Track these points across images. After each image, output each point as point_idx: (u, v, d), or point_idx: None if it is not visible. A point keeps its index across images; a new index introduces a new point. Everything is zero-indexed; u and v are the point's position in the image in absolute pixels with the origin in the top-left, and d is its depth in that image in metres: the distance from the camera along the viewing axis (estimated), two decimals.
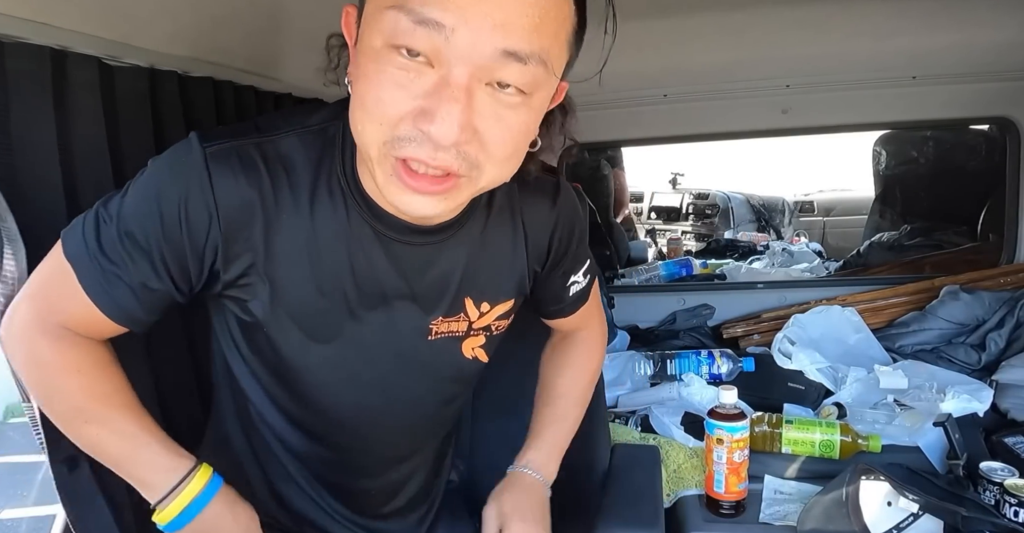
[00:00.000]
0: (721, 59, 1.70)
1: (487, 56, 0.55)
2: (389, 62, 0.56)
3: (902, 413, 1.46)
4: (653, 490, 1.17)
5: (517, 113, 0.59)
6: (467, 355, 0.85)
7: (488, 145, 0.59)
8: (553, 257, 0.87)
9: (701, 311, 2.08)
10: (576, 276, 0.92)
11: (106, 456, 0.77)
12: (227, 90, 1.26)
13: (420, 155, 0.58)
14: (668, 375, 1.74)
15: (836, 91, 1.88)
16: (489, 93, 0.57)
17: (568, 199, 0.86)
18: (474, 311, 0.81)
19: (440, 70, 0.56)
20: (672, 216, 4.49)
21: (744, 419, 1.21)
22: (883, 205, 3.14)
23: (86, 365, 0.74)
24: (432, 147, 0.57)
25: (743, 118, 2.01)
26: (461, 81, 0.56)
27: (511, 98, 0.58)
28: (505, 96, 0.58)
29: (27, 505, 3.37)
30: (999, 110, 1.89)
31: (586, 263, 0.94)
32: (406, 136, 0.58)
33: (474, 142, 0.59)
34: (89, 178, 0.93)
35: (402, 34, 0.55)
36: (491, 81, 0.57)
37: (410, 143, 0.58)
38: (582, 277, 0.93)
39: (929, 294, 1.90)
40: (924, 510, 1.08)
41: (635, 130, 2.12)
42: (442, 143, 0.57)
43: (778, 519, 1.22)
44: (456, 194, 0.62)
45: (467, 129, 0.57)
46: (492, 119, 0.58)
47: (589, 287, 0.96)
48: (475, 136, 0.58)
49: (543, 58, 0.57)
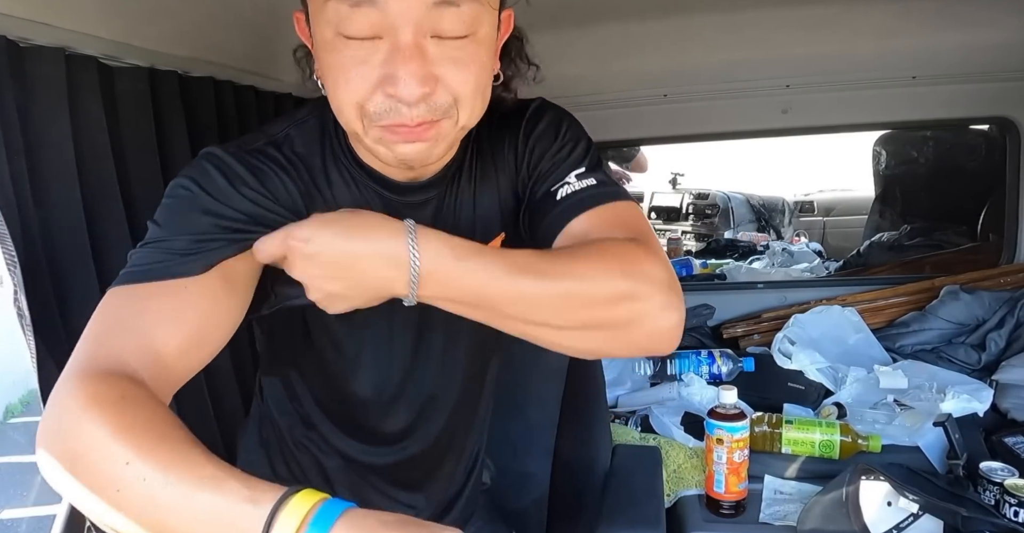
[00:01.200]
0: (721, 59, 1.70)
1: (422, 11, 0.60)
2: (344, 47, 0.62)
3: (902, 413, 1.46)
4: (654, 491, 1.17)
5: (467, 52, 0.63)
6: None
7: (453, 87, 0.64)
8: (525, 172, 0.78)
9: (701, 311, 2.08)
10: (566, 177, 0.74)
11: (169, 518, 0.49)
12: (227, 90, 1.26)
13: (399, 120, 0.63)
14: (668, 375, 1.74)
15: (836, 91, 1.88)
16: (436, 44, 0.62)
17: (544, 108, 0.80)
18: None
19: (388, 39, 0.61)
20: (672, 216, 4.48)
21: (744, 419, 1.21)
22: (883, 205, 3.14)
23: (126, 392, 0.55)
24: (406, 109, 0.62)
25: (743, 118, 2.01)
26: (408, 41, 0.60)
27: (458, 41, 0.63)
28: (452, 41, 0.62)
29: (27, 505, 3.37)
30: (999, 110, 1.89)
31: (581, 168, 0.74)
32: (381, 109, 0.62)
33: (440, 90, 0.63)
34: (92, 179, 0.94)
35: (345, 20, 0.60)
36: (435, 33, 0.61)
37: (387, 114, 0.62)
38: (575, 178, 0.73)
39: (929, 294, 1.90)
40: (924, 510, 1.08)
41: (635, 130, 2.11)
42: (411, 100, 0.61)
43: (778, 519, 1.22)
44: (440, 133, 0.66)
45: (429, 81, 0.62)
46: (448, 63, 0.63)
47: (599, 192, 0.72)
48: (439, 84, 0.63)
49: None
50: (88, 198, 0.93)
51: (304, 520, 0.46)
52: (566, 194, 0.72)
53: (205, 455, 0.51)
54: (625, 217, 0.71)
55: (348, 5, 0.59)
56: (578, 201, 0.71)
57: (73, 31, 0.88)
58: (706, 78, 1.85)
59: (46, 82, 0.87)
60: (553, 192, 0.73)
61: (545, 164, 0.76)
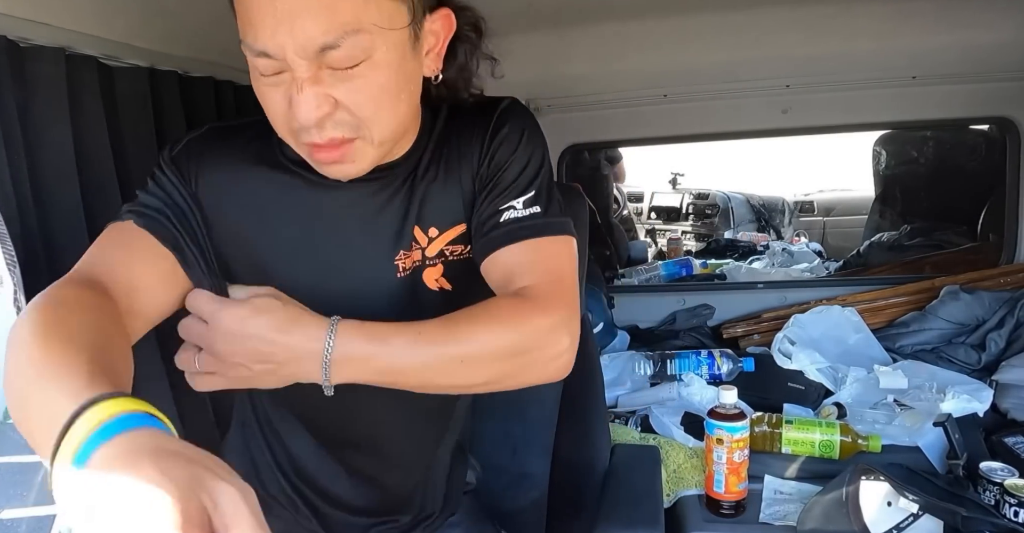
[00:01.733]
0: (721, 59, 1.70)
1: (308, 56, 0.64)
2: (261, 82, 0.68)
3: (902, 413, 1.46)
4: (653, 490, 1.17)
5: (361, 74, 0.66)
6: (431, 286, 0.83)
7: (354, 108, 0.67)
8: (484, 171, 0.79)
9: (701, 311, 2.08)
10: (514, 200, 0.77)
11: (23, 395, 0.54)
12: (227, 90, 1.26)
13: (314, 139, 0.68)
14: (668, 375, 1.74)
15: (836, 91, 1.88)
16: (330, 72, 0.65)
17: (512, 111, 0.81)
18: (423, 238, 0.81)
19: (288, 74, 0.66)
20: (672, 216, 4.49)
21: (744, 419, 1.21)
22: (883, 205, 3.14)
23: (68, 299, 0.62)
24: (316, 130, 0.67)
25: (743, 118, 2.01)
26: (302, 75, 0.64)
27: (351, 70, 0.65)
28: (345, 71, 0.65)
29: (27, 505, 3.37)
30: (999, 110, 1.89)
31: (531, 192, 0.78)
32: (298, 129, 0.68)
33: (340, 110, 0.67)
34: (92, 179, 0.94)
35: (256, 65, 0.66)
36: (328, 66, 0.65)
37: (303, 133, 0.68)
38: (521, 204, 0.77)
39: (929, 294, 1.90)
40: (924, 510, 1.08)
41: (635, 130, 2.12)
42: (309, 124, 0.66)
43: (778, 519, 1.22)
44: (358, 155, 0.71)
45: (325, 102, 0.66)
46: (343, 87, 0.66)
47: (536, 224, 0.77)
48: (338, 105, 0.67)
49: (355, 29, 0.63)
50: (88, 198, 0.93)
51: (95, 426, 0.45)
52: (509, 218, 0.77)
53: (68, 356, 0.54)
54: (550, 256, 0.77)
55: (252, 54, 0.65)
56: (517, 229, 0.77)
57: (73, 31, 0.88)
58: (706, 78, 1.85)
59: (47, 82, 0.87)
60: (500, 212, 0.77)
61: (501, 176, 0.79)
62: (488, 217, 0.78)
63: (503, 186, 0.78)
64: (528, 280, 0.74)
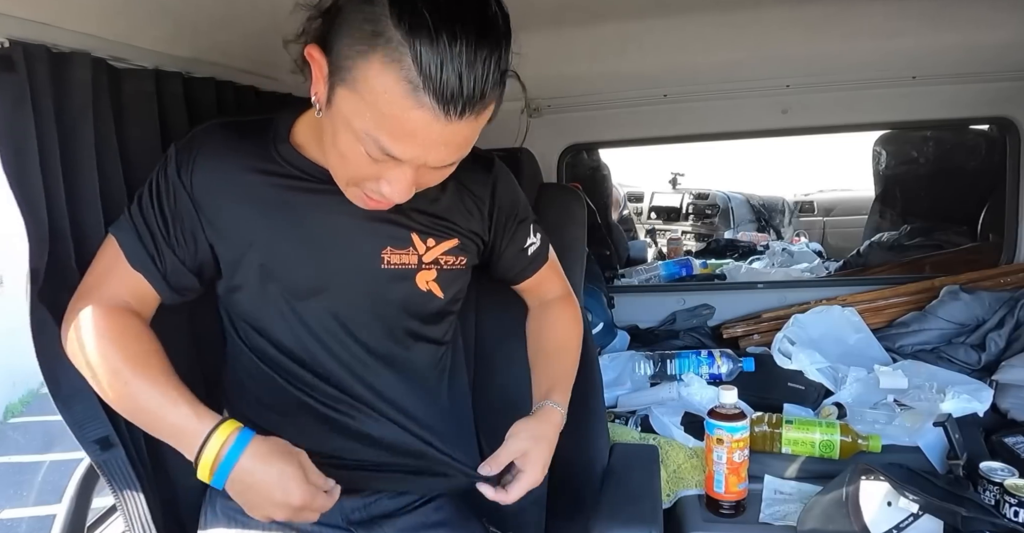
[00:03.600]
0: (721, 59, 1.70)
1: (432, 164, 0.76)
2: (349, 152, 0.76)
3: (902, 413, 1.46)
4: (651, 489, 1.17)
5: (452, 168, 0.81)
6: (421, 287, 0.95)
7: (429, 184, 0.83)
8: (497, 222, 1.01)
9: (701, 311, 2.08)
10: (530, 237, 1.06)
11: (143, 416, 0.84)
12: (228, 90, 1.26)
13: (377, 196, 0.80)
14: (668, 375, 1.74)
15: (836, 91, 1.88)
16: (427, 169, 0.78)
17: (503, 171, 1.02)
18: (421, 246, 0.94)
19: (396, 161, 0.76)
20: (672, 216, 4.49)
21: (744, 419, 1.22)
22: (883, 205, 3.14)
23: (124, 329, 0.84)
24: (387, 201, 0.81)
25: (743, 118, 2.01)
26: (410, 171, 0.76)
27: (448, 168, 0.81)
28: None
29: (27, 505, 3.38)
30: (999, 110, 1.89)
31: (532, 226, 1.07)
32: (370, 187, 0.80)
33: (419, 186, 0.81)
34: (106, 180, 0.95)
35: (381, 142, 0.72)
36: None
37: (372, 188, 0.79)
38: (535, 236, 1.07)
39: (929, 294, 1.90)
40: (924, 510, 1.08)
41: (635, 130, 2.12)
42: (395, 201, 0.80)
43: (778, 519, 1.22)
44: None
45: (414, 187, 0.79)
46: (432, 176, 0.80)
47: (545, 247, 1.10)
48: (420, 185, 0.80)
49: (470, 143, 0.77)
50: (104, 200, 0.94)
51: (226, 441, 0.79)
52: (533, 252, 1.07)
53: (169, 379, 0.82)
54: (555, 264, 1.14)
55: (378, 149, 0.73)
56: (537, 256, 1.08)
57: (74, 31, 0.89)
58: (706, 78, 1.85)
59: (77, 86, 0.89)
60: (526, 249, 1.06)
61: (513, 222, 1.03)
62: (518, 251, 1.05)
63: (516, 228, 1.03)
64: (557, 287, 1.14)
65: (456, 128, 0.70)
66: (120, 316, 0.85)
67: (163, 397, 0.81)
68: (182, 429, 0.80)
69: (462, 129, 0.71)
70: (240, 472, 0.79)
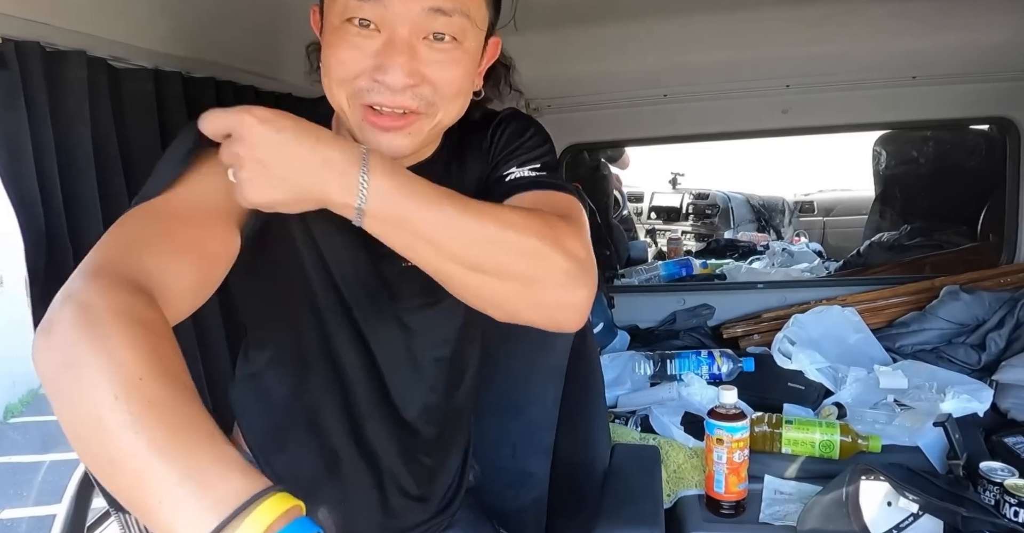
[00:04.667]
0: (721, 59, 1.70)
1: (418, 14, 0.69)
2: (346, 32, 0.70)
3: (902, 413, 1.46)
4: (653, 490, 1.17)
5: (454, 56, 0.72)
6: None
7: (438, 85, 0.72)
8: (491, 158, 0.84)
9: (701, 311, 2.08)
10: (518, 169, 0.80)
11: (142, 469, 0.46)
12: (228, 90, 1.26)
13: (381, 100, 0.71)
14: (668, 375, 1.74)
15: (836, 91, 1.88)
16: (428, 44, 0.71)
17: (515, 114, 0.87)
18: None
19: (385, 33, 0.70)
20: (672, 216, 4.48)
21: (744, 419, 1.21)
22: (883, 205, 3.14)
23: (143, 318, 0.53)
24: (390, 93, 0.70)
25: (743, 118, 2.01)
26: (403, 37, 0.69)
27: (447, 44, 0.71)
28: (441, 45, 0.71)
29: (27, 505, 3.38)
30: (999, 110, 1.89)
31: (536, 163, 0.81)
32: (366, 87, 0.71)
33: (425, 85, 0.71)
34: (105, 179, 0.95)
35: (352, 10, 0.69)
36: (427, 35, 0.70)
37: (370, 92, 0.71)
38: (527, 171, 0.80)
39: (929, 294, 1.90)
40: (924, 510, 1.08)
41: (635, 130, 2.12)
42: (395, 88, 0.70)
43: (778, 519, 1.22)
44: (418, 128, 0.74)
45: (415, 75, 0.70)
46: (436, 64, 0.71)
47: (544, 178, 0.79)
48: (424, 80, 0.71)
49: (464, 12, 0.71)
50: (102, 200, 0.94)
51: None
52: (514, 177, 0.80)
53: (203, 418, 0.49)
54: (564, 205, 0.76)
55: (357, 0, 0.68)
56: (523, 184, 0.79)
57: (74, 31, 0.89)
58: (706, 78, 1.85)
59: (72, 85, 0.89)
60: (504, 176, 0.80)
61: (503, 156, 0.83)
62: (492, 182, 0.81)
63: (509, 158, 0.82)
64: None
65: None
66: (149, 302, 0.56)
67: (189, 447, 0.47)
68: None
69: None
70: None
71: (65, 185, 0.89)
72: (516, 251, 0.65)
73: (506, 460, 1.10)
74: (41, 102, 0.84)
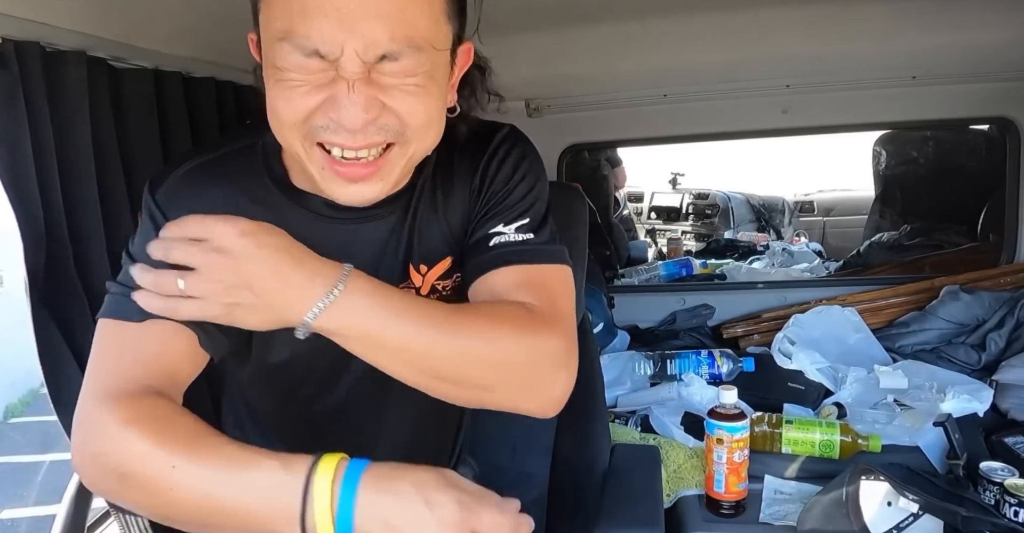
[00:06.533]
0: (721, 59, 1.70)
1: (369, 61, 0.61)
2: (286, 79, 0.62)
3: (902, 413, 1.46)
4: (653, 490, 1.17)
5: (416, 85, 0.63)
6: None
7: (402, 115, 0.64)
8: (481, 197, 0.77)
9: (701, 311, 2.08)
10: (504, 227, 0.75)
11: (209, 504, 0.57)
12: (228, 90, 1.26)
13: (338, 140, 0.63)
14: (668, 375, 1.74)
15: (836, 91, 1.88)
16: (384, 77, 0.62)
17: (512, 139, 0.79)
18: (417, 277, 0.80)
19: (332, 64, 0.61)
20: (672, 216, 4.49)
21: (744, 419, 1.21)
22: (883, 205, 3.14)
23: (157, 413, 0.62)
24: (348, 134, 0.62)
25: (743, 118, 2.01)
26: (355, 72, 0.60)
27: (405, 77, 0.63)
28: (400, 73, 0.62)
29: (27, 505, 3.38)
30: (999, 110, 1.89)
31: (524, 219, 0.75)
32: (320, 125, 0.63)
33: (388, 114, 0.63)
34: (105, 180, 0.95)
35: (288, 61, 0.61)
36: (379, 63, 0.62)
37: (325, 130, 0.62)
38: (513, 231, 0.74)
39: (929, 294, 1.90)
40: (924, 510, 1.08)
41: (635, 130, 2.12)
42: (353, 128, 0.61)
43: (778, 519, 1.22)
44: (388, 170, 0.66)
45: (373, 106, 0.62)
46: (396, 92, 0.63)
47: (527, 250, 0.74)
48: (386, 109, 0.63)
49: (416, 46, 0.62)
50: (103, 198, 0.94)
51: (335, 479, 0.55)
52: (499, 243, 0.74)
53: (235, 444, 0.59)
54: (546, 281, 0.73)
55: (302, 54, 0.60)
56: (507, 254, 0.73)
57: (73, 31, 0.89)
58: (706, 78, 1.85)
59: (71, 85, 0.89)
60: (489, 236, 0.75)
61: (496, 200, 0.76)
62: (477, 241, 0.76)
63: (496, 210, 0.76)
64: (524, 299, 0.70)
65: None
66: (150, 400, 0.63)
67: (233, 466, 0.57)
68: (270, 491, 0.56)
69: None
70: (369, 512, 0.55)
71: (65, 185, 0.88)
72: (493, 365, 0.65)
73: (506, 460, 1.10)
74: (41, 102, 0.84)
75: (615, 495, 1.14)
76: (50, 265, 0.86)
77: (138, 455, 0.58)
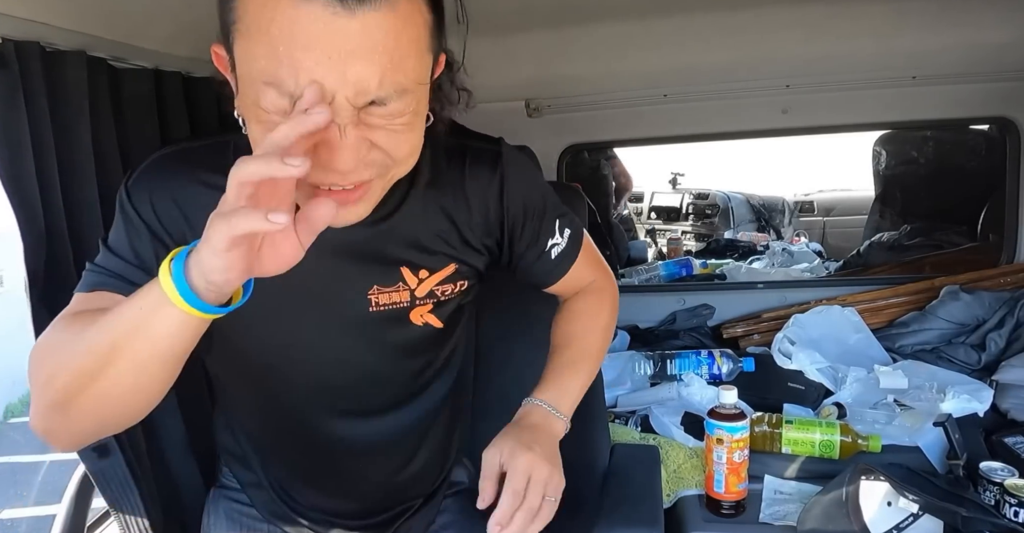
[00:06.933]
0: (721, 59, 1.70)
1: (359, 106, 0.60)
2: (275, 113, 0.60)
3: (902, 413, 1.46)
4: (652, 490, 1.17)
5: (403, 125, 0.64)
6: (416, 322, 0.86)
7: (390, 152, 0.65)
8: (511, 227, 0.86)
9: (701, 311, 2.08)
10: (553, 238, 0.91)
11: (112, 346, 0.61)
12: (228, 90, 1.26)
13: (329, 180, 0.63)
14: (668, 375, 1.74)
15: (836, 91, 1.88)
16: (371, 111, 0.62)
17: (514, 164, 0.85)
18: (413, 279, 0.83)
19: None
20: (672, 216, 4.49)
21: (744, 419, 1.21)
22: (883, 205, 3.14)
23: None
24: (338, 174, 0.62)
25: (743, 118, 2.01)
26: (346, 118, 0.60)
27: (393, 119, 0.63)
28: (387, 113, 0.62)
29: (27, 505, 3.38)
30: (999, 110, 1.89)
31: (558, 222, 0.91)
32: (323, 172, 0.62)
33: (376, 151, 0.64)
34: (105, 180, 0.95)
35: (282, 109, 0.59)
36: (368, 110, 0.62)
37: (315, 170, 0.60)
38: (560, 237, 0.91)
39: (929, 294, 1.90)
40: (924, 510, 1.08)
41: (635, 130, 2.12)
42: (345, 169, 0.62)
43: (778, 519, 1.22)
44: (371, 195, 0.68)
45: (363, 146, 0.62)
46: (383, 131, 0.63)
47: (574, 243, 0.93)
48: (374, 147, 0.64)
49: (404, 88, 0.62)
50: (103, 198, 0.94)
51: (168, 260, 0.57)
52: (559, 253, 0.92)
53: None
54: (588, 253, 0.98)
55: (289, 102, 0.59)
56: (564, 257, 0.93)
57: (73, 31, 0.89)
58: (706, 78, 1.85)
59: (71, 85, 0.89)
60: (549, 251, 0.91)
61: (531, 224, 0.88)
62: (539, 255, 0.91)
63: (535, 230, 0.89)
64: (590, 278, 1.01)
65: (362, 24, 0.57)
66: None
67: (112, 310, 0.61)
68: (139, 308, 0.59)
69: (371, 27, 0.57)
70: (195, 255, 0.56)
71: (65, 185, 0.89)
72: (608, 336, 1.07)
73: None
74: (41, 102, 0.84)
75: (615, 495, 1.13)
76: (50, 265, 0.86)
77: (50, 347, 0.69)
